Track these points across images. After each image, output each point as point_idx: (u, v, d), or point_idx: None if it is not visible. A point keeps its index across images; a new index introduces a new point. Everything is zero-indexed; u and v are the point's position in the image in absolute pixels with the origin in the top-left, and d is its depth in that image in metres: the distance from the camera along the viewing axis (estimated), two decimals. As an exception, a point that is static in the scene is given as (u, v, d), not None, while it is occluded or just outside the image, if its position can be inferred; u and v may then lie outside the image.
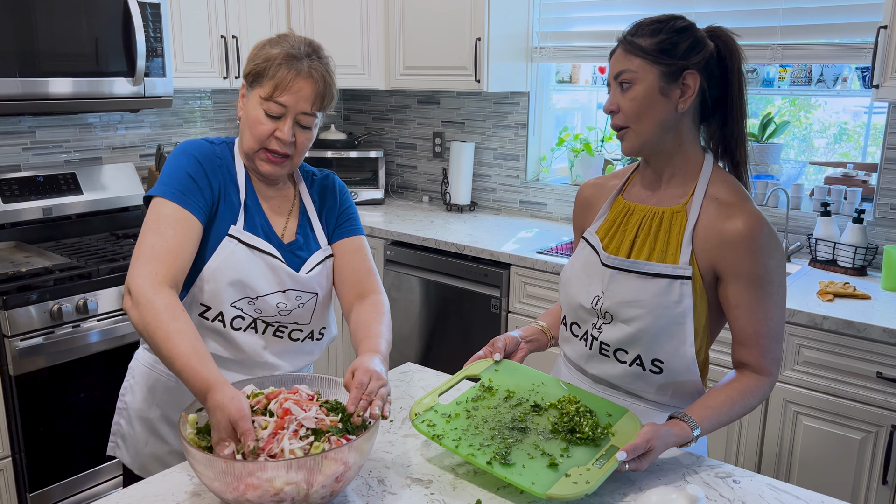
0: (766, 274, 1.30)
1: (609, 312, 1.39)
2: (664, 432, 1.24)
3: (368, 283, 1.54)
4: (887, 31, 2.23)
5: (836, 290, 2.32)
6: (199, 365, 1.19)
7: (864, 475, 2.17)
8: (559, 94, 3.64)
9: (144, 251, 1.31)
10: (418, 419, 1.32)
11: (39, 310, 2.37)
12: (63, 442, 2.50)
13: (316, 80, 1.38)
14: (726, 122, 1.38)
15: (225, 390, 1.14)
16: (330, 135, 3.84)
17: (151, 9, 2.74)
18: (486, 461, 1.21)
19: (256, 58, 1.40)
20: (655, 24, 1.33)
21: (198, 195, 1.38)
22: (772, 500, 1.22)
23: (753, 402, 1.34)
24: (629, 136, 1.35)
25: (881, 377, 2.09)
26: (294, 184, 1.56)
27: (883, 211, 2.62)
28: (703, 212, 1.34)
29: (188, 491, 1.21)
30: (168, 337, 1.22)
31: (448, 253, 3.05)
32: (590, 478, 1.17)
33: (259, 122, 1.39)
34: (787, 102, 3.27)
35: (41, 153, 2.96)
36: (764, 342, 1.33)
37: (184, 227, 1.34)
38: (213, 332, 1.43)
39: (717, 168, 1.39)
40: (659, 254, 1.36)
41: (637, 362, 1.39)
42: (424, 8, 3.29)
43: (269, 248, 1.44)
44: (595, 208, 1.52)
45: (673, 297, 1.33)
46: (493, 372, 1.45)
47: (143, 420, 1.54)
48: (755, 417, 2.31)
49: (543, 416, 1.34)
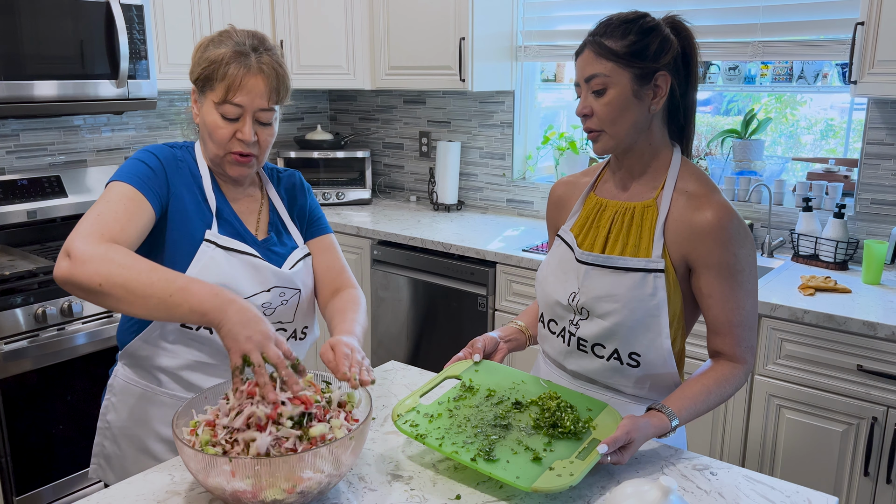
0: (736, 263, 1.33)
1: (585, 308, 1.41)
2: (643, 424, 1.26)
3: (343, 280, 1.56)
4: (864, 28, 2.25)
5: (818, 285, 2.35)
6: (202, 282, 1.18)
7: (846, 467, 2.19)
8: (544, 93, 3.66)
9: (89, 218, 1.26)
10: (400, 420, 1.33)
11: (24, 313, 2.37)
12: (50, 445, 2.49)
13: (268, 74, 1.35)
14: (688, 118, 1.41)
15: (245, 302, 1.17)
16: (316, 135, 3.84)
17: (135, 10, 2.74)
18: (471, 458, 1.23)
19: (202, 61, 1.36)
20: (624, 25, 1.33)
21: (154, 183, 1.35)
22: (748, 492, 1.23)
23: (729, 391, 1.36)
24: (603, 138, 1.37)
25: (861, 370, 2.11)
26: (260, 183, 1.55)
27: (863, 206, 2.65)
28: (674, 205, 1.36)
29: (169, 490, 1.21)
30: (150, 269, 1.18)
31: (435, 252, 3.06)
32: (573, 470, 1.19)
33: (218, 127, 1.36)
34: (772, 99, 3.30)
35: (25, 156, 2.96)
36: (737, 330, 1.36)
37: (134, 205, 1.30)
38: (199, 339, 1.42)
39: (686, 161, 1.42)
40: (632, 248, 1.38)
41: (615, 356, 1.40)
42: (409, 8, 3.30)
43: (247, 248, 1.43)
44: (568, 206, 1.54)
45: (647, 290, 1.35)
46: (473, 372, 1.46)
47: (130, 438, 1.50)
48: (739, 412, 2.33)
49: (525, 412, 1.35)
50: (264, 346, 1.13)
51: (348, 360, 1.24)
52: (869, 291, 2.35)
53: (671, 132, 1.43)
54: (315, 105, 4.18)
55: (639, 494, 1.03)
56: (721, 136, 3.18)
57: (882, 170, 2.60)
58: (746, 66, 2.97)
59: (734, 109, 3.52)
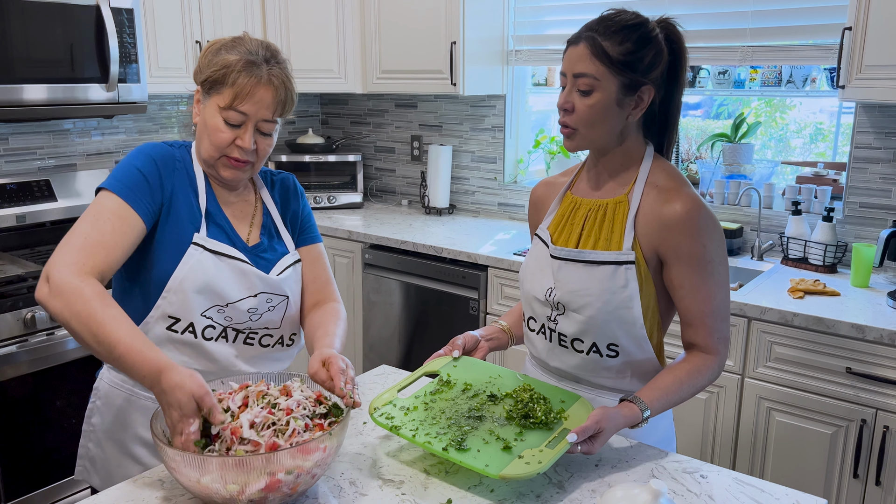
0: (705, 254, 1.34)
1: (561, 303, 1.43)
2: (613, 414, 1.27)
3: (328, 292, 1.57)
4: (852, 33, 2.27)
5: (807, 288, 2.36)
6: (145, 348, 1.17)
7: (835, 469, 2.20)
8: (535, 97, 3.66)
9: (75, 240, 1.26)
10: (377, 413, 1.34)
11: (13, 318, 2.36)
12: (40, 450, 2.48)
13: (276, 87, 1.37)
14: (672, 121, 1.43)
15: (179, 369, 1.13)
16: (308, 139, 3.84)
17: (125, 14, 2.73)
18: (442, 447, 1.24)
19: (213, 64, 1.36)
20: (625, 31, 1.32)
21: (146, 194, 1.35)
22: (738, 494, 1.24)
23: (703, 381, 1.38)
24: (577, 137, 1.39)
25: (850, 372, 2.13)
26: (255, 188, 1.55)
27: (852, 209, 2.67)
28: (644, 199, 1.39)
29: (159, 496, 1.21)
30: (104, 322, 1.18)
31: (426, 256, 3.06)
32: (542, 458, 1.21)
33: (219, 131, 1.37)
34: (762, 103, 3.32)
35: (15, 160, 2.94)
36: (709, 321, 1.37)
37: (123, 224, 1.31)
38: (183, 344, 1.42)
39: (658, 157, 1.44)
40: (604, 242, 1.40)
41: (594, 349, 1.42)
42: (400, 12, 3.30)
43: (235, 252, 1.43)
44: (546, 206, 1.56)
45: (619, 282, 1.36)
46: (451, 367, 1.48)
47: (114, 441, 1.50)
48: (729, 414, 2.34)
49: (499, 405, 1.37)
50: (177, 429, 1.13)
51: (344, 377, 1.24)
52: (858, 294, 2.37)
53: (648, 133, 1.44)
54: (306, 109, 4.18)
55: (629, 498, 1.03)
56: (711, 140, 3.20)
57: (870, 173, 2.62)
58: (736, 71, 2.99)
59: (724, 113, 3.54)
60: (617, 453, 1.36)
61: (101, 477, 1.53)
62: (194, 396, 1.10)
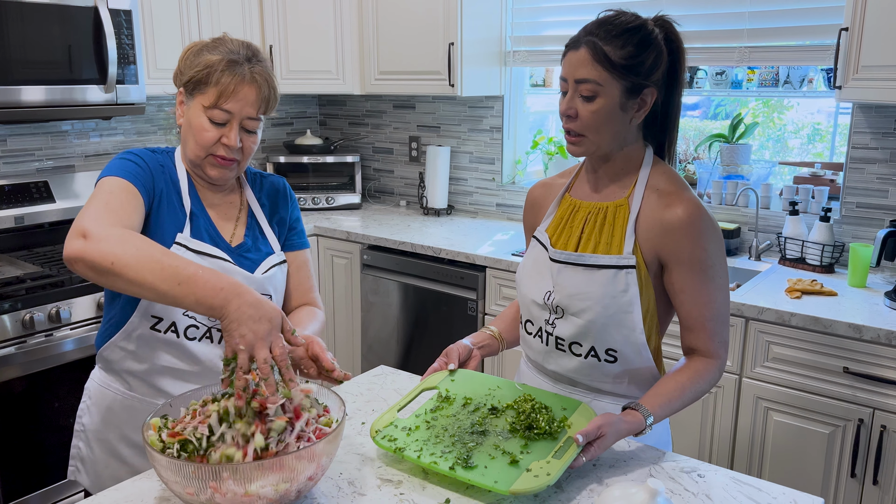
0: (706, 258, 1.34)
1: (560, 306, 1.42)
2: (616, 420, 1.27)
3: (309, 299, 1.60)
4: (848, 34, 2.28)
5: (804, 288, 2.37)
6: (212, 272, 1.16)
7: (833, 468, 2.21)
8: (533, 98, 3.67)
9: (96, 206, 1.25)
10: (378, 435, 1.33)
11: (11, 319, 2.35)
12: (37, 452, 2.48)
13: (260, 84, 1.38)
14: (672, 122, 1.43)
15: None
16: (306, 140, 3.84)
17: (123, 16, 2.73)
18: (449, 466, 1.23)
19: (196, 65, 1.37)
20: (626, 34, 1.31)
21: (145, 179, 1.37)
22: (735, 493, 1.24)
23: (704, 386, 1.37)
24: (585, 143, 1.38)
25: (847, 372, 2.13)
26: (240, 189, 1.55)
27: (849, 209, 2.67)
28: (645, 202, 1.38)
29: (157, 496, 1.21)
30: (167, 251, 1.17)
31: (425, 257, 3.07)
32: (550, 469, 1.20)
33: (204, 130, 1.38)
34: (759, 104, 3.33)
35: (13, 161, 2.94)
36: (710, 325, 1.37)
37: (134, 198, 1.32)
38: (167, 344, 1.42)
39: (657, 160, 1.44)
40: (604, 246, 1.40)
41: (592, 353, 1.42)
42: (398, 14, 3.31)
43: (218, 252, 1.44)
44: (544, 207, 1.55)
45: (619, 286, 1.36)
46: (449, 382, 1.47)
47: (101, 442, 1.51)
48: (727, 414, 2.35)
49: (501, 417, 1.36)
50: (255, 347, 1.12)
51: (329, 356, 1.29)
52: (855, 294, 2.37)
53: (647, 135, 1.45)
54: (304, 110, 4.18)
55: (626, 497, 1.04)
56: (709, 141, 3.20)
57: (867, 174, 2.63)
58: (733, 72, 2.99)
59: (722, 114, 3.55)
60: (614, 454, 1.36)
61: (90, 478, 1.53)
62: (264, 338, 1.11)
